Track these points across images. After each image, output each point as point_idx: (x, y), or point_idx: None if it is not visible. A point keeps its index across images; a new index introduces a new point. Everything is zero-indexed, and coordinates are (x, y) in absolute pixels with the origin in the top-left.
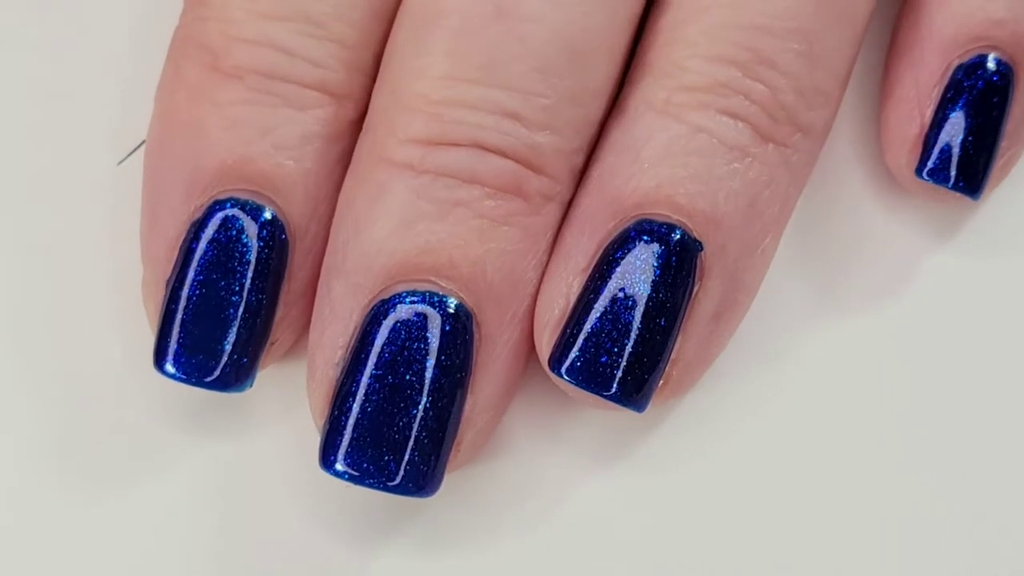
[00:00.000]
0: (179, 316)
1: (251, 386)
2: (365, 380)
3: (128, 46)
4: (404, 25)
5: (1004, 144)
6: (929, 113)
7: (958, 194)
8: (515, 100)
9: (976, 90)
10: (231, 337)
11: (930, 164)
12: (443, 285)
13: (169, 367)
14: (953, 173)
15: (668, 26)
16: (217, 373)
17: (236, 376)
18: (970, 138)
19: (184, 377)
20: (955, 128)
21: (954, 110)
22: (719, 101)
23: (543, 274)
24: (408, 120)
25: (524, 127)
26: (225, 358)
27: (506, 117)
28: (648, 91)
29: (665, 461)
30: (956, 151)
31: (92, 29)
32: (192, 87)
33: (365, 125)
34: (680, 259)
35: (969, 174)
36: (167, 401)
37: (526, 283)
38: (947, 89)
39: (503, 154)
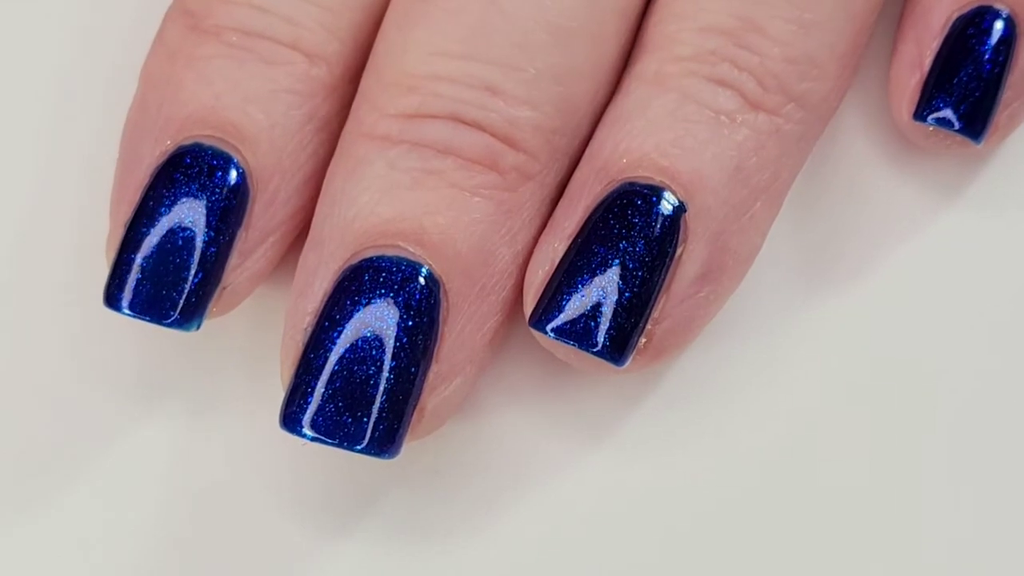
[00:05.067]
0: (132, 253)
1: (198, 327)
2: (330, 342)
3: (127, 45)
4: (394, 6)
5: (1008, 95)
6: (928, 62)
7: (960, 138)
8: (495, 74)
9: (975, 38)
10: (183, 274)
11: (930, 107)
12: (412, 251)
13: (117, 302)
14: (952, 114)
15: (663, 4)
16: (165, 310)
17: (184, 314)
18: (969, 83)
19: (132, 312)
20: (954, 74)
21: (953, 58)
22: (706, 69)
23: (518, 253)
24: (389, 95)
25: (503, 102)
26: (174, 294)
27: (486, 91)
28: (640, 65)
29: (654, 443)
30: (955, 94)
31: (91, 28)
32: (171, 47)
33: (352, 107)
34: (662, 219)
35: (969, 116)
36: (142, 385)
37: (497, 257)
38: (947, 40)
39: (480, 127)
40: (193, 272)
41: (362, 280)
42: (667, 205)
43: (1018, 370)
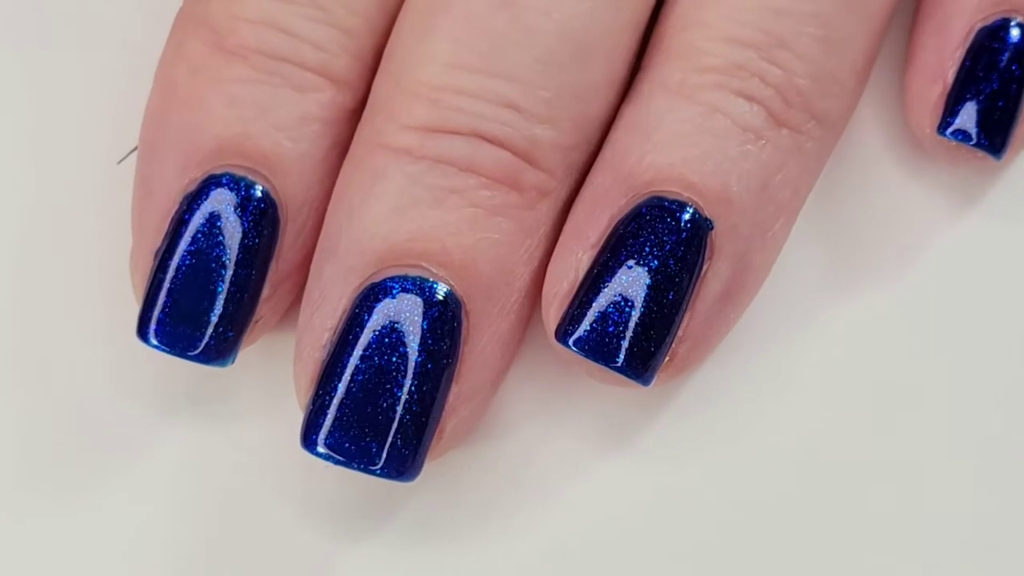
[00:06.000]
0: (166, 286)
1: (233, 362)
2: (351, 362)
3: (128, 44)
4: (409, 13)
5: None
6: (951, 74)
7: (981, 153)
8: (516, 90)
9: (999, 52)
10: (217, 310)
11: (952, 122)
12: (434, 271)
13: (152, 337)
14: (975, 130)
15: (684, 11)
16: (201, 345)
17: (219, 350)
18: (992, 97)
19: (167, 348)
20: (977, 88)
21: (976, 71)
22: (734, 82)
23: (535, 270)
24: (408, 106)
25: (524, 118)
26: (210, 330)
27: (506, 107)
28: (663, 73)
29: (667, 450)
30: (978, 109)
31: (92, 27)
32: (194, 63)
33: (365, 113)
34: (690, 236)
35: (991, 131)
36: (154, 391)
37: (516, 276)
38: (969, 51)
39: (501, 145)
40: (229, 307)
41: (384, 300)
42: (695, 222)
43: None
